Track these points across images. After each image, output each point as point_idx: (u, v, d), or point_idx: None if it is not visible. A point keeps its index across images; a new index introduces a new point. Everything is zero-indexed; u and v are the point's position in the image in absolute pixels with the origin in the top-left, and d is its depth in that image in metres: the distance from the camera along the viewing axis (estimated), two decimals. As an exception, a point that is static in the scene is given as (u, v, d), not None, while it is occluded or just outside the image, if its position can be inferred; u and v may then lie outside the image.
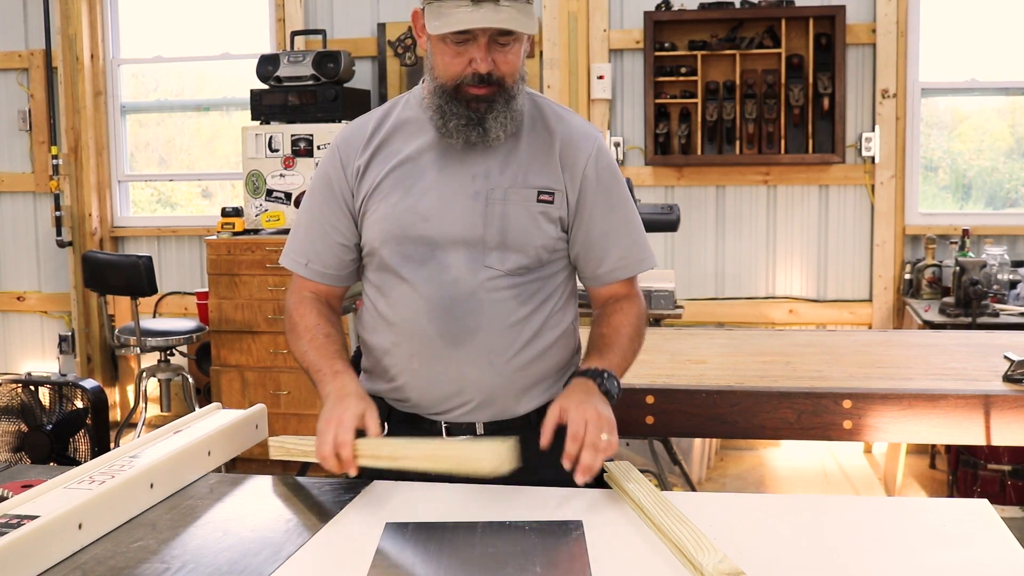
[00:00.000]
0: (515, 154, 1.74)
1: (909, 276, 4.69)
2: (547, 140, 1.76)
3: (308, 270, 1.84)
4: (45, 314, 5.63)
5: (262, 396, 4.49)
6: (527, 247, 1.73)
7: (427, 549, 1.41)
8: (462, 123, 1.69)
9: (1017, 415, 2.47)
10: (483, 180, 1.73)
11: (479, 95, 1.67)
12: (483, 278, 1.72)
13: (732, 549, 1.39)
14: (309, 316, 1.81)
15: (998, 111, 4.97)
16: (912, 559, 1.36)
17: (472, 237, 1.71)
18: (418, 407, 1.78)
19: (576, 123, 1.81)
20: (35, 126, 5.47)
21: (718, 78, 4.79)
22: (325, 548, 1.43)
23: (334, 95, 4.66)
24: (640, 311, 1.84)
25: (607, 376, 1.69)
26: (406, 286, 1.74)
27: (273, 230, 4.68)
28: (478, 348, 1.72)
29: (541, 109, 1.80)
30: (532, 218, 1.73)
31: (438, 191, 1.73)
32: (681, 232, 4.74)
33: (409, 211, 1.73)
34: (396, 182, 1.75)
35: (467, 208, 1.72)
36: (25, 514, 1.42)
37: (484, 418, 1.76)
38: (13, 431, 3.59)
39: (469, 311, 1.72)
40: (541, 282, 1.77)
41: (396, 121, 1.80)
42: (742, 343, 3.20)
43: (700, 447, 4.40)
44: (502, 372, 1.74)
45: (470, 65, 1.66)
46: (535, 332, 1.75)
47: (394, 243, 1.74)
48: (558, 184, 1.75)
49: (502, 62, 1.66)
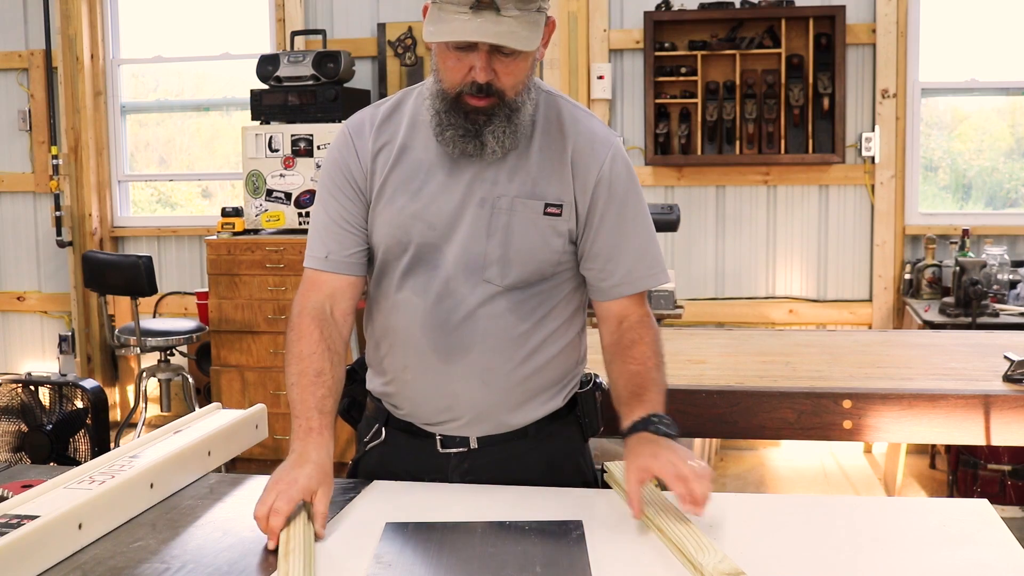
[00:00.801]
0: (526, 160, 1.66)
1: (909, 276, 4.69)
2: (560, 145, 1.67)
3: (328, 262, 1.71)
4: (45, 314, 5.63)
5: (262, 396, 4.48)
6: (529, 262, 1.65)
7: (427, 549, 1.41)
8: (459, 134, 1.60)
9: (1017, 415, 2.47)
10: (490, 186, 1.65)
11: (478, 107, 1.58)
12: (480, 293, 1.65)
13: (732, 549, 1.39)
14: (308, 340, 1.66)
15: (998, 111, 4.97)
16: (912, 559, 1.36)
17: (474, 249, 1.65)
18: (411, 416, 1.75)
19: (592, 127, 1.70)
20: (35, 126, 5.47)
21: (718, 78, 4.79)
22: (325, 548, 1.43)
23: (334, 95, 4.66)
24: (656, 336, 1.73)
25: (656, 419, 1.58)
26: (403, 294, 1.69)
27: (273, 230, 4.68)
28: (471, 366, 1.66)
29: (558, 111, 1.70)
30: (538, 231, 1.65)
31: (446, 197, 1.65)
32: (681, 232, 4.74)
33: (415, 217, 1.66)
34: (403, 182, 1.68)
35: (472, 217, 1.64)
36: (25, 514, 1.42)
37: (478, 432, 1.72)
38: (13, 431, 3.59)
39: (464, 328, 1.65)
40: (543, 296, 1.69)
41: (404, 114, 1.72)
42: (742, 343, 3.20)
43: (700, 447, 4.40)
44: (496, 390, 1.68)
45: (470, 73, 1.56)
46: (534, 348, 1.69)
47: (397, 248, 1.68)
48: (567, 194, 1.66)
49: (504, 74, 1.56)
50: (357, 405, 1.89)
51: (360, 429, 1.86)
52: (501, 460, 1.72)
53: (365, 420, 1.84)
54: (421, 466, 1.73)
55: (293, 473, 1.50)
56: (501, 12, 1.50)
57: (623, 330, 1.72)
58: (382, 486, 1.67)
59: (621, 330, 1.72)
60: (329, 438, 1.58)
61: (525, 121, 1.63)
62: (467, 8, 1.50)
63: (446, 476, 1.73)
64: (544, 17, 1.57)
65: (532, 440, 1.74)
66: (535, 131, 1.67)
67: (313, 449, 1.55)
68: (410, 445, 1.75)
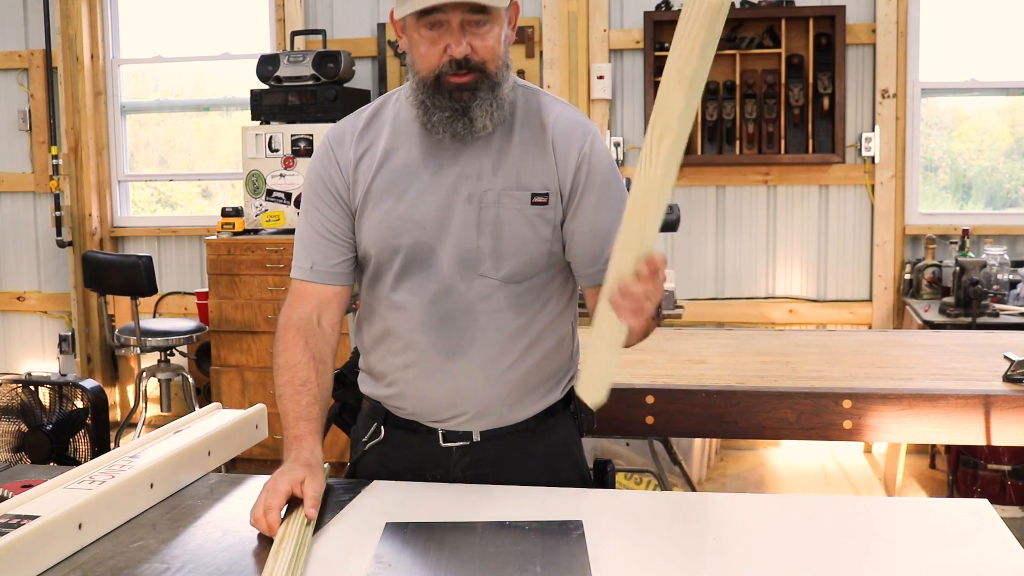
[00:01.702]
0: (507, 152, 1.66)
1: (909, 276, 4.69)
2: (540, 133, 1.68)
3: (314, 272, 1.73)
4: (45, 314, 5.63)
5: (262, 396, 4.49)
6: (522, 253, 1.66)
7: (427, 549, 1.41)
8: (446, 115, 1.60)
9: (1017, 415, 2.47)
10: (475, 181, 1.65)
11: (461, 83, 1.58)
12: (478, 287, 1.67)
13: (732, 549, 1.39)
14: (292, 350, 1.69)
15: (998, 111, 4.97)
16: (912, 559, 1.36)
17: (467, 244, 1.66)
18: (414, 415, 1.75)
19: (570, 115, 1.71)
20: (35, 126, 5.47)
21: (718, 78, 4.79)
22: (325, 548, 1.43)
23: (334, 95, 4.66)
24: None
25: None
26: (399, 295, 1.69)
27: (273, 230, 4.68)
28: (473, 361, 1.68)
29: (536, 104, 1.71)
30: (527, 222, 1.66)
31: (433, 196, 1.66)
32: (681, 232, 4.74)
33: (404, 219, 1.67)
34: (389, 186, 1.68)
35: (461, 214, 1.65)
36: (25, 514, 1.42)
37: (481, 427, 1.73)
38: (13, 431, 3.59)
39: (464, 323, 1.67)
40: (538, 289, 1.70)
41: (385, 119, 1.73)
42: (742, 343, 3.20)
43: (700, 447, 4.40)
44: (498, 384, 1.70)
45: (446, 52, 1.56)
46: (532, 341, 1.71)
47: (389, 251, 1.69)
48: (552, 182, 1.67)
49: (480, 47, 1.57)
50: (349, 409, 1.90)
51: (356, 430, 1.86)
52: (502, 453, 1.74)
53: (362, 420, 1.84)
54: (422, 462, 1.74)
55: (280, 475, 1.54)
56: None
57: None
58: (382, 486, 1.67)
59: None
60: (314, 441, 1.62)
61: (507, 97, 1.64)
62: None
63: (448, 470, 1.74)
64: None
65: (532, 433, 1.75)
66: (515, 124, 1.68)
67: (298, 452, 1.59)
68: (411, 442, 1.75)
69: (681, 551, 1.39)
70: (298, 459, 1.57)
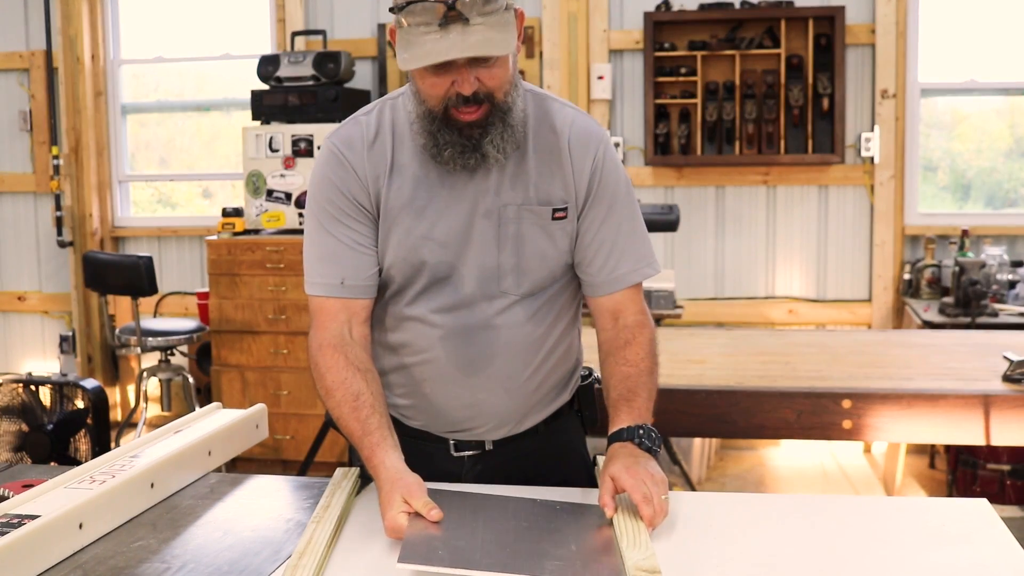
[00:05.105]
0: (524, 164, 1.62)
1: (909, 276, 4.69)
2: (555, 144, 1.64)
3: (345, 288, 1.64)
4: (46, 314, 5.63)
5: (262, 396, 4.49)
6: (543, 268, 1.64)
7: (461, 518, 1.42)
8: (457, 151, 1.55)
9: (1016, 415, 2.47)
10: (493, 196, 1.61)
11: (471, 120, 1.53)
12: (498, 304, 1.65)
13: (732, 549, 1.39)
14: (335, 369, 1.60)
15: (997, 111, 4.98)
16: (912, 559, 1.36)
17: (488, 262, 1.63)
18: (427, 427, 1.74)
19: (582, 121, 1.67)
20: (36, 126, 5.47)
21: (718, 78, 4.79)
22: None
23: (334, 95, 4.66)
24: (651, 336, 1.70)
25: (643, 432, 1.56)
26: (417, 310, 1.66)
27: (273, 230, 4.69)
28: (494, 375, 1.66)
29: (546, 110, 1.66)
30: (548, 237, 1.63)
31: (452, 214, 1.62)
32: (681, 232, 4.74)
33: (425, 238, 1.62)
34: (405, 202, 1.63)
35: (480, 230, 1.62)
36: (26, 514, 1.42)
37: (494, 437, 1.72)
38: (14, 431, 3.59)
39: (485, 339, 1.65)
40: (554, 299, 1.69)
41: (387, 129, 1.65)
42: (742, 343, 3.20)
43: (700, 447, 4.40)
44: (516, 395, 1.69)
45: (452, 87, 1.51)
46: (549, 351, 1.70)
47: (410, 270, 1.64)
48: (570, 193, 1.63)
49: (487, 78, 1.51)
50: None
51: None
52: (514, 458, 1.74)
53: None
54: (433, 470, 1.70)
55: (387, 493, 1.46)
56: (470, 22, 1.45)
57: (619, 328, 1.70)
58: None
59: (617, 328, 1.70)
60: (388, 447, 1.54)
61: (519, 120, 1.59)
62: (435, 26, 1.45)
63: (459, 478, 1.73)
64: (512, 14, 1.51)
65: (542, 436, 1.76)
66: (528, 133, 1.64)
67: (387, 464, 1.51)
68: (421, 451, 1.71)
69: (681, 551, 1.40)
70: (385, 480, 1.48)
